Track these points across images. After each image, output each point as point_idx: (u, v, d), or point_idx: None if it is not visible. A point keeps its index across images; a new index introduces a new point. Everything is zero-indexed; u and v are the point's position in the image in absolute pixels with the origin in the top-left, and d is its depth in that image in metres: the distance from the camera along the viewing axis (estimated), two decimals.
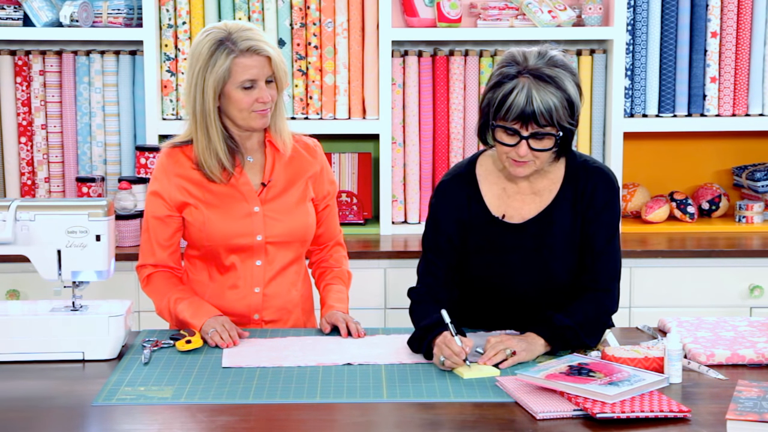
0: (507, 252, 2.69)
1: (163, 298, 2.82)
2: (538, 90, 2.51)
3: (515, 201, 2.71)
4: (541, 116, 2.51)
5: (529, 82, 2.52)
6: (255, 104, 2.73)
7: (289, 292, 2.89)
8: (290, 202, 2.85)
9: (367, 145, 4.33)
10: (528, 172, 2.62)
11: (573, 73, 2.59)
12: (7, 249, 2.58)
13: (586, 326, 2.58)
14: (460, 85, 4.14)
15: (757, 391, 2.19)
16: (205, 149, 2.77)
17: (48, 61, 4.14)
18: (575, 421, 2.16)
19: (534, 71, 2.54)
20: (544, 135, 2.55)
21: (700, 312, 3.76)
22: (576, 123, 2.60)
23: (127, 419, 2.19)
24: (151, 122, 4.09)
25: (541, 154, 2.58)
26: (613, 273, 2.69)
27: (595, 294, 2.65)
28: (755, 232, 4.15)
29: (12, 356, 2.55)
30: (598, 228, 2.66)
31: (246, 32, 2.73)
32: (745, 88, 4.18)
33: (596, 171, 2.70)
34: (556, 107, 2.52)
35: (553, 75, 2.54)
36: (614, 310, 2.70)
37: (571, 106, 2.55)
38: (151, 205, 2.84)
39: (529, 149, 2.56)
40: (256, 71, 2.72)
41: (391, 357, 2.55)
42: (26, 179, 4.19)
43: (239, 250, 2.83)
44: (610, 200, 2.68)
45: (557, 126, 2.54)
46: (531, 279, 2.69)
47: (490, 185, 2.73)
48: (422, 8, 4.14)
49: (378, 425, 2.19)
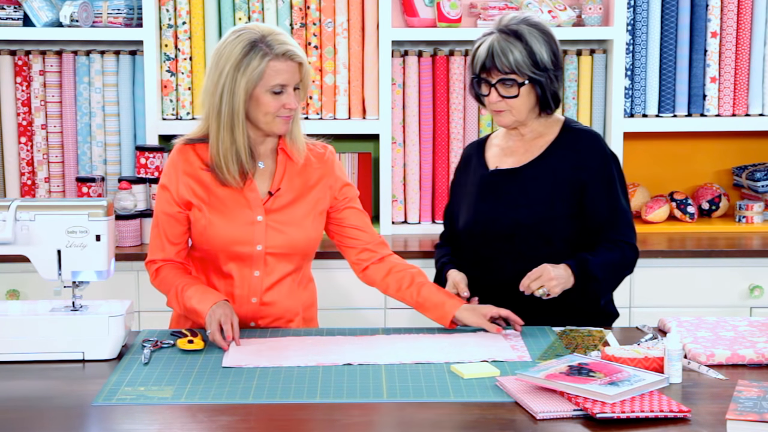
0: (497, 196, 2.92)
1: (171, 288, 2.80)
2: (500, 42, 2.83)
3: (509, 158, 2.96)
4: (502, 65, 2.81)
5: (495, 36, 2.85)
6: (281, 110, 2.71)
7: (287, 300, 2.86)
8: (296, 214, 2.82)
9: (367, 145, 4.33)
10: (508, 121, 2.89)
11: (543, 31, 2.86)
12: (7, 249, 2.58)
13: (607, 279, 2.85)
14: (460, 85, 4.14)
15: (757, 391, 2.19)
16: (228, 150, 2.73)
17: (48, 61, 4.14)
18: (575, 421, 2.16)
19: (503, 28, 2.85)
20: (508, 82, 2.83)
21: (700, 312, 3.76)
22: (549, 76, 2.84)
23: (127, 419, 2.19)
24: (151, 122, 4.09)
25: (513, 102, 2.85)
26: (629, 223, 2.90)
27: (620, 247, 2.86)
28: (755, 232, 4.15)
29: (12, 356, 2.55)
30: (597, 187, 2.86)
31: (280, 36, 2.71)
32: (745, 88, 4.18)
33: (582, 132, 2.94)
34: (514, 56, 2.81)
35: (517, 30, 2.83)
36: (636, 259, 2.91)
37: (533, 56, 2.82)
38: (160, 199, 2.83)
39: (499, 96, 2.85)
40: (287, 76, 2.69)
41: (391, 357, 2.55)
42: (26, 179, 4.19)
43: (238, 258, 2.81)
44: (600, 159, 2.88)
45: (518, 73, 2.81)
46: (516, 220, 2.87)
47: (492, 147, 3.03)
48: (422, 8, 4.14)
49: (378, 425, 2.19)
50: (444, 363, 2.51)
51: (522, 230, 2.87)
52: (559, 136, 2.93)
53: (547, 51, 2.84)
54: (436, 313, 2.79)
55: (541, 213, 2.86)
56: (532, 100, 2.87)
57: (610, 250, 2.84)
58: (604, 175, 2.88)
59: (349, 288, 3.79)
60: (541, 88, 2.85)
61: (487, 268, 2.91)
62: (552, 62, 2.85)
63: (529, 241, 2.86)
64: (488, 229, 2.91)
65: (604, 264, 2.82)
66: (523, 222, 2.87)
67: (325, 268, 3.69)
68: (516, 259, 2.86)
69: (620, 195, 2.90)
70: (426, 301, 2.82)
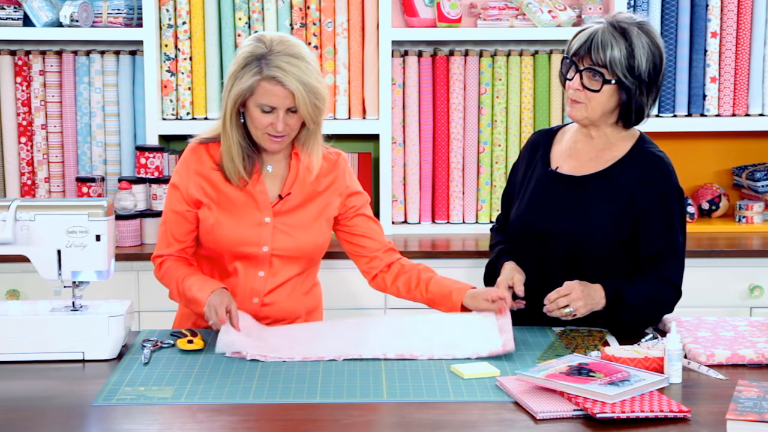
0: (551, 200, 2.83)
1: (172, 280, 2.81)
2: (604, 33, 2.71)
3: (574, 160, 2.85)
4: (597, 54, 2.69)
5: (602, 27, 2.73)
6: (269, 128, 2.70)
7: (289, 303, 2.86)
8: (305, 218, 2.82)
9: (367, 145, 4.33)
10: (580, 115, 2.76)
11: (653, 43, 2.73)
12: (7, 249, 2.58)
13: (641, 310, 2.71)
14: (460, 85, 4.14)
15: (757, 391, 2.19)
16: (225, 151, 2.76)
17: (48, 61, 4.14)
18: (575, 421, 2.16)
19: (613, 22, 2.74)
20: (596, 73, 2.71)
21: (700, 312, 3.76)
22: (638, 86, 2.71)
23: (127, 419, 2.19)
24: (151, 122, 4.09)
25: (592, 96, 2.72)
26: (681, 262, 2.78)
27: (662, 282, 2.74)
28: (755, 232, 4.15)
29: (12, 356, 2.55)
30: (657, 219, 2.74)
31: (283, 58, 2.65)
32: (745, 88, 4.18)
33: (654, 157, 2.80)
34: (612, 51, 2.69)
35: (626, 28, 2.71)
36: (677, 299, 2.78)
37: (631, 60, 2.69)
38: (170, 197, 2.84)
39: (580, 84, 2.72)
40: (276, 99, 2.67)
41: (376, 350, 2.55)
42: (26, 179, 4.19)
43: (243, 258, 2.81)
44: (664, 191, 2.76)
45: (611, 71, 2.69)
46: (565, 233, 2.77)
47: (561, 141, 2.92)
48: (422, 8, 4.14)
49: (378, 425, 2.19)
50: (429, 359, 2.52)
51: (563, 240, 2.78)
52: (630, 153, 2.80)
53: (648, 60, 2.71)
54: (445, 305, 2.82)
55: (590, 228, 2.75)
56: (612, 104, 2.74)
57: (652, 282, 2.73)
58: (666, 208, 2.75)
59: (355, 288, 3.78)
60: (628, 95, 2.72)
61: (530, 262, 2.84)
62: (649, 74, 2.71)
63: (569, 252, 2.77)
64: (530, 230, 2.83)
65: (641, 295, 2.70)
66: (567, 232, 2.77)
67: (332, 268, 3.69)
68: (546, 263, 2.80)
69: (678, 231, 2.76)
70: (434, 296, 2.84)
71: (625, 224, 2.75)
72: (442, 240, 4.06)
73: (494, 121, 4.17)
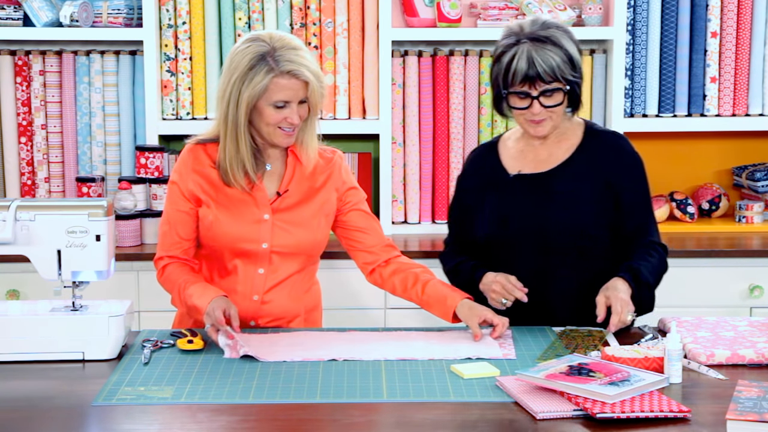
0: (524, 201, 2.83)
1: (174, 286, 2.81)
2: (537, 51, 2.72)
3: (531, 162, 2.87)
4: (546, 74, 2.71)
5: (528, 46, 2.73)
6: (283, 122, 2.71)
7: (288, 301, 2.86)
8: (303, 214, 2.83)
9: (367, 145, 4.33)
10: (547, 129, 2.80)
11: (567, 32, 2.79)
12: (7, 249, 2.58)
13: (656, 283, 2.83)
14: (460, 85, 4.14)
15: (757, 391, 2.19)
16: (233, 158, 2.75)
17: (48, 61, 4.14)
18: (575, 421, 2.16)
19: (530, 35, 2.75)
20: (552, 91, 2.74)
21: (700, 312, 3.76)
22: (580, 77, 2.79)
23: (127, 419, 2.19)
24: (151, 122, 4.09)
25: (555, 109, 2.77)
26: (656, 223, 2.89)
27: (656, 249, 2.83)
28: (755, 232, 4.15)
29: (12, 356, 2.55)
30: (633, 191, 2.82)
31: (289, 52, 2.68)
32: (745, 88, 4.18)
33: (609, 135, 2.89)
34: (557, 63, 2.72)
35: (548, 35, 2.74)
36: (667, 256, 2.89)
37: (571, 60, 2.75)
38: (171, 197, 2.85)
39: (542, 107, 2.75)
40: (291, 93, 2.69)
41: (376, 353, 2.55)
42: (26, 179, 4.19)
43: (243, 255, 2.82)
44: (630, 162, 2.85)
45: (562, 80, 2.73)
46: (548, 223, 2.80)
47: (507, 150, 2.93)
48: (422, 8, 4.14)
49: (378, 425, 2.19)
50: (429, 360, 2.52)
51: (552, 233, 2.79)
52: (586, 137, 2.87)
53: (576, 49, 2.78)
54: (439, 309, 2.79)
55: (574, 217, 2.79)
56: (566, 102, 2.80)
57: (649, 254, 2.80)
58: (638, 177, 2.85)
59: (355, 288, 3.79)
60: (578, 88, 2.79)
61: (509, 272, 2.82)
62: (580, 59, 2.80)
63: (560, 244, 2.79)
64: (514, 233, 2.83)
65: (653, 268, 2.79)
66: (553, 226, 2.79)
67: (332, 267, 3.69)
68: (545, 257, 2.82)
69: (650, 197, 2.88)
70: (429, 298, 2.82)
71: (608, 203, 2.81)
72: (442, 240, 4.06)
73: (494, 121, 4.17)
